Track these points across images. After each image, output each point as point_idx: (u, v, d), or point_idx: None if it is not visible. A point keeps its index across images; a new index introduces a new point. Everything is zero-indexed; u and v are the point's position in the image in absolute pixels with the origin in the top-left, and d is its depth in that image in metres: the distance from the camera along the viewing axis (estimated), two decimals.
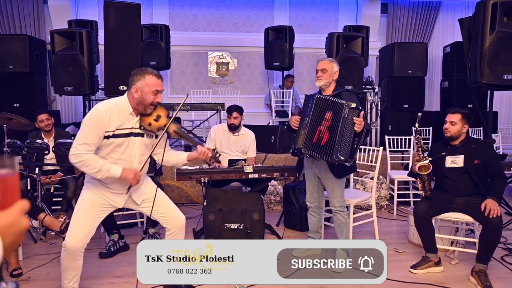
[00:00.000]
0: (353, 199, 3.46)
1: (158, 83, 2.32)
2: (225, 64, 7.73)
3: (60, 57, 4.58)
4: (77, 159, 2.24)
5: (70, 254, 2.36)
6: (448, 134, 3.04)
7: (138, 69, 2.35)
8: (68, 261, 2.39)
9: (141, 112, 2.35)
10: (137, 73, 2.32)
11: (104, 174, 2.28)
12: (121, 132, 2.31)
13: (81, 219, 2.38)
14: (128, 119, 2.34)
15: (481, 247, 2.87)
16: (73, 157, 2.25)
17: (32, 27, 6.94)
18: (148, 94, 2.29)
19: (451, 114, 3.04)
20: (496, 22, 3.66)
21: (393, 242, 3.69)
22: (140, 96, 2.29)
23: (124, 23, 4.18)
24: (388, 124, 5.86)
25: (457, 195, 3.04)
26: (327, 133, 2.84)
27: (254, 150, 4.15)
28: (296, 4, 7.77)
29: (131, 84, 2.31)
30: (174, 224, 2.57)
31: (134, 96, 2.30)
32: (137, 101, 2.31)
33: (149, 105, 2.32)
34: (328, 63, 3.01)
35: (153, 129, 2.38)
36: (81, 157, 2.23)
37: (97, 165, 2.26)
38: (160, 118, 2.35)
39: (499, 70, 3.71)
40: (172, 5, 7.52)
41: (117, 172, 2.29)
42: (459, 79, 5.79)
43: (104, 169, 2.27)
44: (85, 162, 2.23)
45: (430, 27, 7.78)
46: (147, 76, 2.29)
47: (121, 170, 2.30)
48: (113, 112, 2.28)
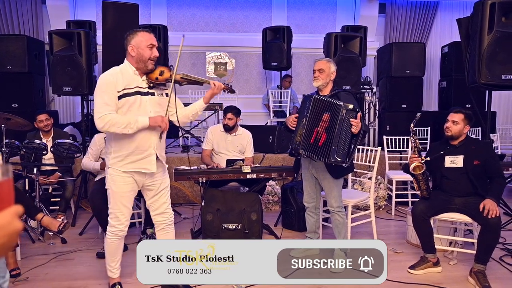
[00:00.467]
0: (351, 200, 3.46)
1: (151, 37, 2.41)
2: (223, 64, 7.73)
3: (58, 57, 4.57)
4: (103, 121, 2.28)
5: (119, 238, 2.55)
6: (449, 133, 3.04)
7: (129, 31, 2.43)
8: (118, 244, 2.57)
9: (144, 71, 2.42)
10: (129, 34, 2.41)
11: (134, 126, 2.32)
12: (129, 91, 2.37)
13: (122, 204, 2.49)
14: (133, 79, 2.41)
15: (479, 247, 2.87)
16: (99, 121, 2.29)
17: (31, 28, 6.93)
18: (144, 49, 2.37)
19: (453, 114, 3.03)
20: (494, 22, 3.66)
21: (391, 243, 3.69)
22: (138, 53, 2.37)
23: (122, 24, 4.18)
24: (386, 124, 5.86)
25: (456, 195, 3.04)
26: (325, 134, 2.84)
27: (251, 150, 4.15)
28: (294, 4, 7.77)
29: (127, 45, 2.40)
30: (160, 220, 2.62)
31: (132, 55, 2.38)
32: (136, 59, 2.38)
33: (148, 60, 2.38)
34: (325, 63, 3.01)
35: (161, 81, 2.45)
36: (106, 117, 2.28)
37: (124, 120, 2.31)
38: (164, 72, 2.44)
39: (497, 70, 3.71)
40: (170, 5, 7.51)
41: (145, 121, 2.35)
42: (457, 79, 5.80)
43: (132, 121, 2.32)
44: (111, 121, 2.28)
45: (428, 27, 7.79)
46: (139, 33, 2.39)
47: (147, 118, 2.36)
48: (118, 75, 2.37)
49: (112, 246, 2.57)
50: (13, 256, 3.02)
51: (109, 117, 2.28)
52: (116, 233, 2.53)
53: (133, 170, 2.46)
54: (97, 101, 2.34)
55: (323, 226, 3.67)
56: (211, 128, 4.21)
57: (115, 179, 2.46)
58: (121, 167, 2.44)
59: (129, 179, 2.47)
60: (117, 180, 2.46)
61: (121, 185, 2.46)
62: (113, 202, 2.50)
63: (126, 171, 2.45)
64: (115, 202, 2.49)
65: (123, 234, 2.56)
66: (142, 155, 2.45)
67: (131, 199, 2.54)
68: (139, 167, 2.46)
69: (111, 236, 2.54)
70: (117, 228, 2.52)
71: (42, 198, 3.82)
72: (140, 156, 2.45)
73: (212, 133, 4.12)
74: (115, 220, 2.51)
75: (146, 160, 2.46)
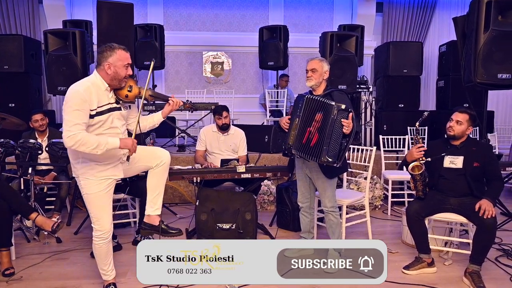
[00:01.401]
0: (346, 199, 3.45)
1: (128, 56, 2.39)
2: (219, 63, 7.72)
3: (53, 57, 4.57)
4: (73, 140, 2.21)
5: (107, 240, 2.51)
6: (452, 133, 3.01)
7: (105, 46, 2.37)
8: (107, 247, 2.54)
9: (116, 87, 2.40)
10: (105, 49, 2.35)
11: (104, 147, 2.27)
12: (102, 109, 2.34)
13: (102, 207, 2.45)
14: (104, 96, 2.37)
15: (475, 247, 2.86)
16: (68, 140, 2.21)
17: (28, 27, 6.92)
18: (121, 68, 2.35)
19: (458, 113, 3.00)
20: (491, 20, 3.64)
21: (386, 243, 3.55)
22: (114, 71, 2.33)
23: (117, 23, 4.17)
24: (383, 123, 5.85)
25: (451, 195, 3.02)
26: (317, 134, 2.82)
27: (244, 148, 4.14)
28: (291, 4, 7.76)
29: (102, 61, 2.34)
30: (160, 159, 2.57)
31: (107, 72, 2.34)
32: (111, 77, 2.35)
33: (123, 79, 2.38)
34: (317, 62, 3.00)
35: (131, 99, 2.45)
36: (77, 137, 2.21)
37: (94, 140, 2.25)
38: (133, 87, 2.42)
39: (494, 69, 3.70)
40: (167, 5, 7.50)
41: (115, 143, 2.31)
42: (454, 78, 5.77)
43: (102, 143, 2.27)
44: (82, 140, 2.21)
45: (426, 26, 7.77)
46: (118, 51, 2.34)
47: (118, 140, 2.33)
48: (91, 91, 2.30)
49: (101, 250, 2.53)
50: (8, 255, 3.01)
51: (79, 136, 2.21)
52: (101, 237, 2.49)
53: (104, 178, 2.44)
54: (67, 118, 2.23)
55: (318, 226, 3.66)
56: (203, 129, 4.20)
57: (87, 183, 2.41)
58: (92, 176, 2.41)
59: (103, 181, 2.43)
60: (90, 183, 2.41)
61: (94, 186, 2.41)
62: (91, 207, 2.45)
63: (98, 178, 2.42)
64: (93, 206, 2.45)
65: (109, 236, 2.52)
66: (110, 165, 2.46)
67: (109, 199, 2.49)
68: (109, 174, 2.46)
69: (98, 241, 2.49)
70: (101, 231, 2.48)
71: (37, 197, 3.81)
72: (108, 166, 2.45)
73: (205, 134, 4.11)
74: (97, 224, 2.47)
75: (116, 168, 2.49)
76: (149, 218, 2.63)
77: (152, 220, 2.62)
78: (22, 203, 3.14)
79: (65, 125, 2.24)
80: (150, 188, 2.60)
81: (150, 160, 2.57)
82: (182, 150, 5.36)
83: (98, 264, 2.60)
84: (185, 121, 6.50)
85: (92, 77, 2.38)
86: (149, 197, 2.60)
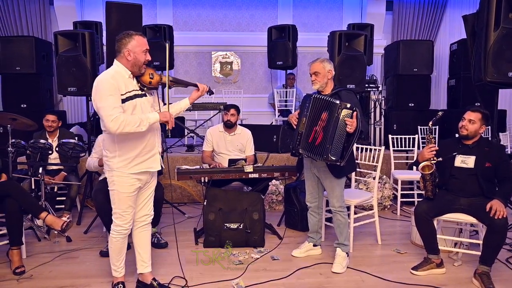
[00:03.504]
0: (354, 199, 3.43)
1: (146, 42, 2.43)
2: (228, 63, 7.74)
3: (63, 58, 4.62)
4: (116, 123, 2.25)
5: (125, 235, 2.57)
6: (465, 132, 2.96)
7: (122, 34, 2.41)
8: (122, 243, 2.58)
9: (137, 74, 2.44)
10: (123, 37, 2.39)
11: (146, 123, 2.33)
12: (130, 94, 2.39)
13: (129, 206, 2.50)
14: (128, 83, 2.41)
15: (485, 248, 2.81)
16: (112, 123, 2.25)
17: (39, 29, 7.02)
18: (140, 54, 2.38)
19: (471, 112, 2.95)
20: (501, 18, 3.58)
21: (395, 243, 3.65)
22: (134, 57, 2.37)
23: (125, 24, 4.20)
24: (393, 123, 5.80)
25: (462, 195, 2.99)
26: (322, 133, 2.82)
27: (251, 148, 4.15)
28: (300, 3, 7.74)
29: (121, 48, 2.38)
30: (148, 213, 2.68)
31: (127, 59, 2.38)
32: (132, 63, 2.39)
33: (143, 64, 2.42)
34: (318, 64, 2.98)
35: (155, 85, 2.50)
36: (119, 118, 2.25)
37: (136, 119, 2.31)
38: (154, 75, 2.47)
39: (504, 67, 3.63)
40: (176, 5, 7.54)
41: (155, 117, 2.38)
42: (466, 77, 5.69)
43: (144, 119, 2.33)
44: (125, 121, 2.26)
45: (437, 24, 7.69)
46: (135, 37, 2.38)
47: (157, 114, 2.40)
48: (117, 78, 2.36)
49: (117, 244, 2.58)
50: (18, 254, 3.06)
51: (122, 117, 2.26)
52: (121, 232, 2.55)
53: (140, 171, 2.48)
54: (104, 105, 2.27)
55: (326, 226, 3.65)
56: (210, 129, 4.21)
57: (121, 180, 2.45)
58: (128, 169, 2.44)
59: (136, 181, 2.48)
60: (123, 182, 2.45)
61: (127, 187, 2.46)
62: (118, 203, 2.50)
63: (134, 172, 2.46)
64: (121, 203, 2.49)
65: (128, 232, 2.58)
66: (149, 155, 2.50)
67: (135, 198, 2.56)
68: (146, 166, 2.50)
69: (116, 235, 2.55)
70: (122, 227, 2.54)
71: (48, 197, 3.87)
72: (147, 156, 2.49)
73: (211, 134, 4.13)
74: (120, 219, 2.52)
75: (152, 159, 2.53)
76: (142, 276, 2.74)
77: (145, 278, 2.73)
78: (32, 202, 3.18)
79: (104, 111, 2.27)
80: (138, 246, 2.69)
81: (144, 207, 2.65)
82: (191, 150, 5.39)
83: (110, 259, 2.64)
84: (194, 121, 6.53)
85: (114, 67, 2.43)
86: (139, 256, 2.70)
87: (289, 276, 2.95)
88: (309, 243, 3.34)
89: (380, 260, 3.29)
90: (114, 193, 2.49)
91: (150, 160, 2.51)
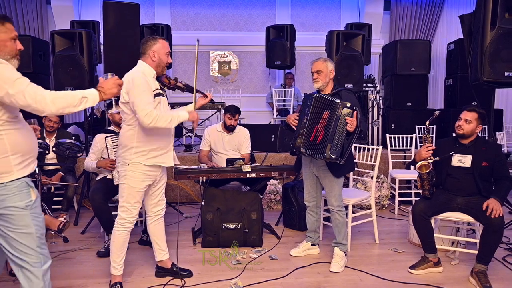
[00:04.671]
0: (352, 199, 3.43)
1: (168, 45, 2.65)
2: (227, 63, 7.73)
3: (60, 57, 4.61)
4: (150, 117, 2.39)
5: (129, 229, 2.67)
6: (461, 131, 2.98)
7: (148, 37, 2.61)
8: (125, 237, 2.67)
9: (159, 74, 2.63)
10: (149, 39, 2.59)
11: (176, 121, 2.51)
12: (155, 92, 2.55)
13: (138, 201, 2.63)
14: (152, 82, 2.58)
15: (481, 247, 2.82)
16: (146, 118, 2.39)
17: (36, 28, 7.00)
18: (163, 55, 2.59)
19: (467, 112, 2.97)
20: (497, 18, 3.59)
21: (393, 242, 3.66)
22: (158, 58, 2.57)
23: (123, 23, 4.21)
24: (391, 122, 5.81)
25: (459, 194, 3.00)
26: (323, 131, 2.84)
27: (247, 146, 4.13)
28: (298, 2, 7.74)
29: (147, 50, 2.57)
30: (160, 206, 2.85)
31: (152, 59, 2.57)
32: (156, 63, 2.59)
33: (165, 65, 2.62)
34: (322, 63, 2.99)
35: (173, 85, 2.70)
36: (153, 113, 2.40)
37: (167, 115, 2.47)
38: (169, 77, 2.68)
39: (500, 67, 3.64)
40: (174, 4, 7.53)
41: (185, 115, 2.58)
42: (463, 77, 5.70)
43: (174, 116, 2.50)
44: (158, 116, 2.41)
45: (434, 24, 7.71)
46: (160, 40, 2.59)
47: (187, 113, 2.59)
48: (146, 76, 2.54)
49: (120, 238, 2.64)
50: None
51: (155, 113, 2.41)
52: (125, 225, 2.63)
53: (154, 164, 2.61)
54: (139, 100, 2.42)
55: (324, 226, 3.65)
56: (208, 129, 4.20)
57: (135, 175, 2.56)
58: (144, 161, 2.56)
59: (147, 177, 2.61)
60: (136, 177, 2.57)
61: (138, 182, 2.58)
62: (127, 197, 2.59)
63: (148, 164, 2.58)
64: (129, 197, 2.59)
65: (131, 227, 2.67)
66: (163, 151, 2.64)
67: (143, 194, 2.67)
68: (160, 161, 2.64)
69: (120, 228, 2.63)
70: (127, 220, 2.62)
71: (45, 197, 3.85)
72: (162, 152, 2.63)
73: (209, 134, 4.12)
74: (126, 213, 2.61)
75: (167, 155, 2.67)
76: (162, 262, 2.92)
77: (165, 264, 2.92)
78: None
79: (139, 106, 2.42)
80: (155, 237, 2.87)
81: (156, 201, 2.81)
82: (189, 150, 5.39)
83: (112, 254, 2.68)
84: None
85: (140, 67, 2.58)
86: (157, 246, 2.89)
87: (287, 275, 2.96)
88: (307, 242, 3.34)
89: (378, 259, 3.29)
90: (125, 186, 2.59)
91: (164, 155, 2.65)
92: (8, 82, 1.74)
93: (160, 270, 2.92)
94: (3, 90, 1.73)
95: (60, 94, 1.85)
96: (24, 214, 1.83)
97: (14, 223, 1.81)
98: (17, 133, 1.84)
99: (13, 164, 1.82)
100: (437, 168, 3.06)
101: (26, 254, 1.84)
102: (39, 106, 1.78)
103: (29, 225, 1.84)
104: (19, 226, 1.82)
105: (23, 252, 1.84)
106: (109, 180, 3.49)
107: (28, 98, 1.75)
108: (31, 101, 1.76)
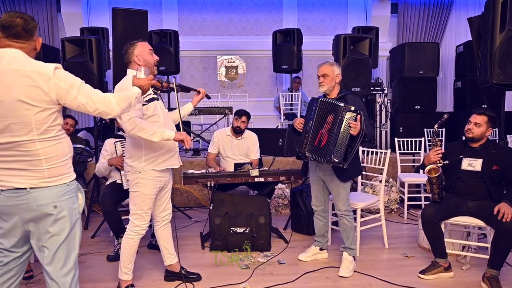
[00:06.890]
0: (360, 203, 3.42)
1: (147, 44, 2.63)
2: (234, 67, 7.76)
3: (70, 64, 4.67)
4: (133, 124, 2.37)
5: (142, 236, 2.69)
6: (471, 135, 2.96)
7: (126, 46, 2.59)
8: (137, 244, 2.69)
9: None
10: (128, 47, 2.57)
11: (160, 136, 2.46)
12: (148, 97, 2.55)
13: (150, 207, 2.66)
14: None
15: (493, 252, 2.79)
16: (129, 123, 2.37)
17: (46, 35, 7.09)
18: (147, 55, 2.56)
19: (476, 115, 2.95)
20: (506, 20, 3.55)
21: (402, 247, 3.63)
22: (144, 60, 2.55)
23: (132, 30, 4.25)
24: (399, 126, 5.78)
25: (469, 198, 2.97)
26: (327, 135, 2.84)
27: (256, 151, 4.14)
28: (304, 6, 7.75)
29: (131, 57, 2.56)
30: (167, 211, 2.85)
31: (139, 64, 2.54)
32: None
33: (153, 65, 2.59)
34: (328, 67, 3.00)
35: (166, 88, 2.66)
36: (136, 120, 2.38)
37: (152, 128, 2.44)
38: (161, 80, 2.62)
39: (510, 69, 3.59)
40: (181, 10, 7.59)
41: (171, 134, 2.52)
42: (472, 79, 5.66)
43: (159, 131, 2.46)
44: (141, 125, 2.39)
45: (442, 26, 7.65)
46: (138, 43, 2.57)
47: (174, 132, 2.54)
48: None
49: (134, 245, 2.67)
50: None
51: (139, 120, 2.39)
52: (139, 232, 2.65)
53: (165, 168, 2.65)
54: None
55: (332, 230, 3.64)
56: (217, 133, 4.22)
57: (147, 182, 2.58)
58: (155, 166, 2.59)
59: (158, 182, 2.63)
60: (148, 184, 2.59)
61: (151, 188, 2.61)
62: (140, 204, 2.62)
63: (160, 169, 2.61)
64: (143, 204, 2.62)
65: (144, 233, 2.70)
66: (172, 153, 2.68)
67: (154, 199, 2.70)
68: (171, 163, 2.68)
69: (135, 235, 2.65)
70: (140, 227, 2.65)
71: None
72: (170, 154, 2.67)
73: (218, 137, 4.14)
74: (140, 220, 2.64)
75: (175, 157, 2.72)
76: (171, 266, 2.93)
77: (174, 268, 2.93)
78: None
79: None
80: (163, 242, 2.88)
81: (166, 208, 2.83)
82: (196, 154, 5.41)
83: (122, 261, 2.69)
84: (199, 125, 6.55)
85: (128, 75, 2.56)
86: (165, 251, 2.90)
87: (296, 280, 2.95)
88: (316, 247, 3.33)
89: (387, 264, 3.27)
90: (137, 194, 2.61)
91: (173, 158, 2.69)
92: (74, 88, 1.75)
93: (169, 274, 2.94)
94: (70, 95, 1.74)
95: (120, 96, 1.90)
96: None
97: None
98: (67, 137, 1.89)
99: (70, 165, 1.86)
100: (447, 172, 3.04)
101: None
102: (106, 109, 1.82)
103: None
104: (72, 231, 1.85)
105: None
106: (119, 184, 3.52)
107: (96, 103, 1.78)
108: (99, 105, 1.79)
